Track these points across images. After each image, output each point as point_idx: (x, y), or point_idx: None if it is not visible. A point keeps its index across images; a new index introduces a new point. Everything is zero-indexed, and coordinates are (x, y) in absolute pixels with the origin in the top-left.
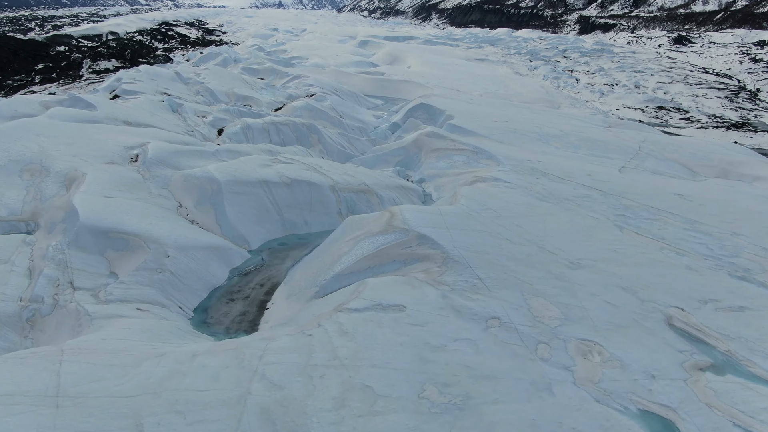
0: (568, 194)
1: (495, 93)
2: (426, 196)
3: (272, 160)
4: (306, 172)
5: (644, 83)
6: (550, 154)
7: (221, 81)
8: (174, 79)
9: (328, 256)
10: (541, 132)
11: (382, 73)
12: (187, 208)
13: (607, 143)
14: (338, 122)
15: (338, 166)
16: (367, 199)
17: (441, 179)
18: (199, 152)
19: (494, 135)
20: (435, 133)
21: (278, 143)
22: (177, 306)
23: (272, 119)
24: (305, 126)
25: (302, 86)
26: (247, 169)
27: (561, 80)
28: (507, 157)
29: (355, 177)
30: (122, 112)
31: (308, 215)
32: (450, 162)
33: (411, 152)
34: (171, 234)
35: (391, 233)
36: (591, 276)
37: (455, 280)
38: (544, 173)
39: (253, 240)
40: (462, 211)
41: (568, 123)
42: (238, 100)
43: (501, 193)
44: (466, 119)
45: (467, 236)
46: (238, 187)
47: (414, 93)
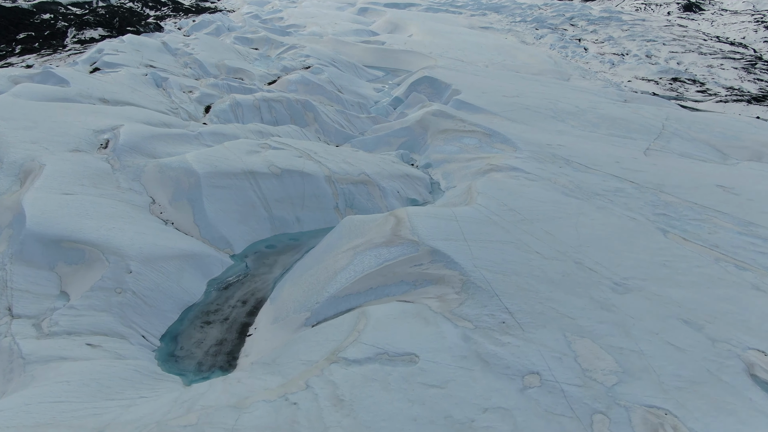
0: (598, 187)
1: (501, 64)
2: (433, 185)
3: (261, 145)
4: (298, 160)
5: (656, 53)
6: (568, 135)
7: (212, 52)
8: (161, 50)
9: (321, 270)
10: (555, 108)
11: (383, 42)
12: (161, 205)
13: (627, 121)
14: (336, 97)
15: (335, 151)
16: (367, 191)
17: (450, 165)
18: (180, 136)
19: (505, 112)
20: (442, 111)
21: (270, 122)
22: (139, 335)
23: (264, 95)
24: (300, 103)
25: (298, 57)
26: (231, 157)
27: (569, 50)
28: (523, 141)
29: (354, 165)
30: (99, 87)
31: (300, 211)
32: (459, 145)
33: (416, 133)
34: (137, 241)
35: (398, 246)
36: (643, 303)
37: (479, 313)
38: (567, 160)
39: (236, 242)
40: (480, 215)
41: (582, 98)
42: (229, 73)
43: (522, 187)
44: (473, 94)
45: (489, 250)
46: (219, 179)
47: (416, 64)
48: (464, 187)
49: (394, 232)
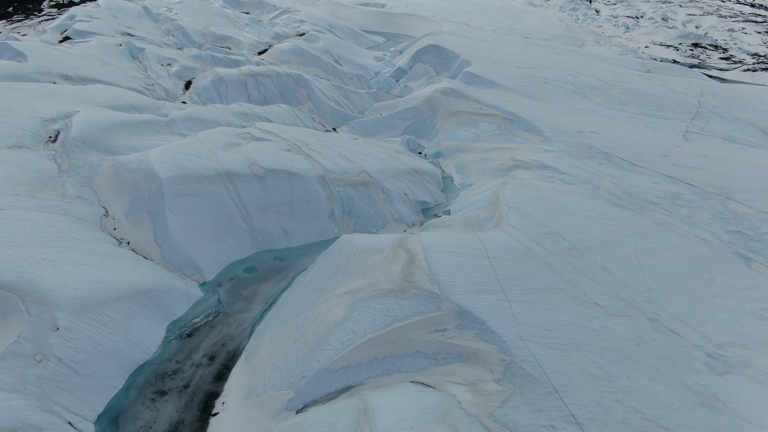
0: (650, 193)
1: (510, 28)
2: (445, 180)
3: (242, 135)
4: (286, 156)
5: (672, 15)
6: (595, 115)
7: (198, 17)
8: (141, 15)
9: (310, 321)
10: (577, 82)
11: (383, 4)
12: (115, 219)
13: (658, 97)
14: (332, 69)
15: (330, 141)
16: (369, 194)
17: (464, 155)
18: (148, 124)
19: (522, 87)
20: (454, 90)
21: (258, 100)
22: (64, 422)
23: (251, 69)
24: (292, 78)
25: (292, 23)
26: (204, 154)
27: (579, 12)
28: (551, 128)
29: (352, 161)
30: (62, 62)
31: (288, 221)
32: (475, 131)
33: (423, 115)
34: (72, 280)
35: (412, 298)
36: (755, 391)
37: (532, 423)
38: (606, 154)
39: (207, 266)
40: (516, 244)
41: (603, 68)
42: (215, 41)
43: (560, 194)
44: (485, 65)
45: (536, 306)
46: (188, 185)
47: (420, 29)
48: (488, 192)
49: (406, 276)
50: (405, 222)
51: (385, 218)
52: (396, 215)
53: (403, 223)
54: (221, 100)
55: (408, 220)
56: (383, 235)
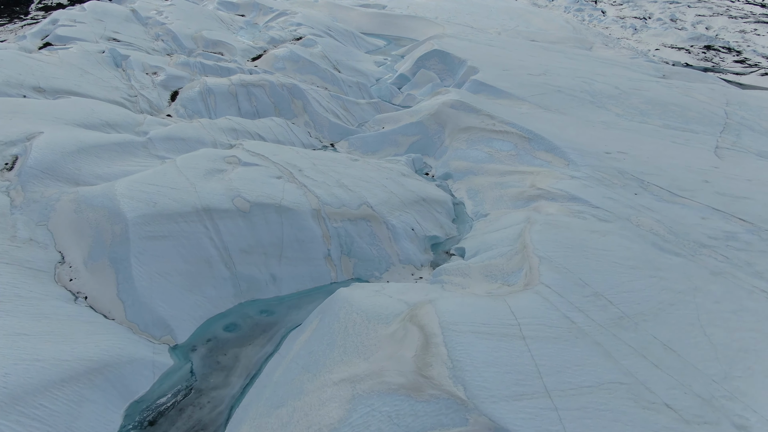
0: (699, 232)
1: (515, 30)
2: (457, 207)
3: (227, 159)
4: (276, 185)
5: (681, 16)
6: (616, 129)
7: (189, 20)
8: (129, 19)
9: (299, 416)
10: (592, 90)
11: (384, 6)
12: (72, 266)
13: (682, 108)
14: (331, 77)
15: (326, 163)
16: (371, 231)
17: (477, 179)
18: (121, 146)
19: (534, 96)
20: (463, 103)
21: (250, 113)
22: None
23: (242, 79)
24: (286, 88)
25: (288, 25)
26: (181, 185)
27: (585, 13)
28: (574, 148)
29: (352, 190)
30: (36, 72)
31: (277, 265)
32: (488, 151)
33: (430, 130)
34: (2, 361)
35: (429, 401)
36: None
37: None
38: (640, 180)
39: (180, 324)
40: (556, 316)
41: (617, 74)
42: (207, 47)
43: (596, 238)
44: (493, 72)
45: (592, 415)
46: (159, 225)
47: (422, 31)
48: (510, 232)
49: (421, 367)
50: (413, 263)
51: (389, 259)
52: (402, 255)
53: (411, 264)
54: (209, 113)
55: (416, 261)
56: (390, 286)
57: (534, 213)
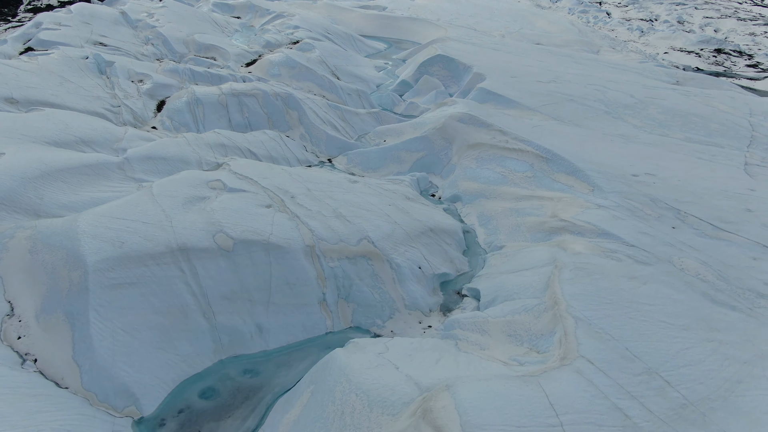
0: (753, 277)
1: (519, 33)
2: (467, 235)
3: (210, 183)
4: (264, 216)
5: (688, 18)
6: (637, 143)
7: (181, 23)
8: (118, 21)
9: None
10: (606, 99)
11: (384, 7)
12: (22, 320)
13: (704, 119)
14: (329, 84)
15: (322, 186)
16: (372, 271)
17: (489, 204)
18: (94, 167)
19: (546, 107)
20: (472, 117)
21: (241, 125)
22: None
23: (233, 88)
24: (281, 98)
25: (285, 28)
26: (154, 218)
27: (590, 14)
28: (598, 170)
29: (350, 221)
30: (10, 81)
31: (264, 313)
32: (501, 171)
33: (436, 146)
34: None
35: None
36: None
37: None
38: (676, 210)
39: (147, 391)
40: (606, 406)
41: (630, 81)
42: (199, 51)
43: (636, 286)
44: (501, 80)
45: None
46: (126, 269)
47: (424, 34)
48: (535, 279)
49: None
50: (420, 308)
51: (393, 304)
52: (408, 299)
53: (418, 309)
54: (197, 126)
55: (424, 305)
56: (394, 346)
57: (559, 251)
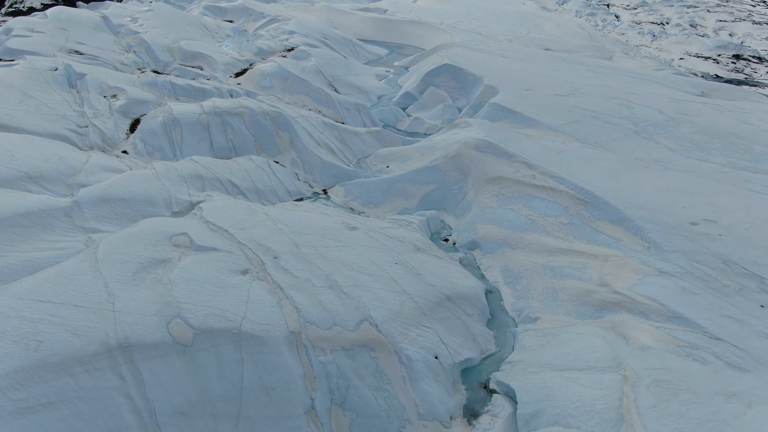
0: None
1: (527, 37)
2: (491, 297)
3: (174, 239)
4: (237, 288)
5: (701, 22)
6: (676, 171)
7: (167, 28)
8: (98, 27)
9: None
10: (633, 116)
11: (384, 10)
12: None
13: (745, 139)
14: (325, 98)
15: (314, 239)
16: (376, 366)
17: (516, 256)
18: (33, 216)
19: (568, 126)
20: (490, 145)
21: (224, 149)
22: None
23: (216, 106)
24: (270, 117)
25: (280, 33)
26: (92, 298)
27: (598, 17)
28: (652, 219)
29: (348, 294)
30: None
31: None
32: (529, 214)
33: (448, 178)
34: None
35: None
36: None
37: None
38: (759, 277)
39: None
40: None
41: (654, 93)
42: (185, 59)
43: (740, 414)
44: (515, 93)
45: None
46: (40, 386)
47: (427, 39)
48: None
49: None
50: (438, 416)
51: (403, 413)
52: (423, 404)
53: (436, 419)
54: (173, 150)
55: (442, 411)
56: None
57: (620, 341)
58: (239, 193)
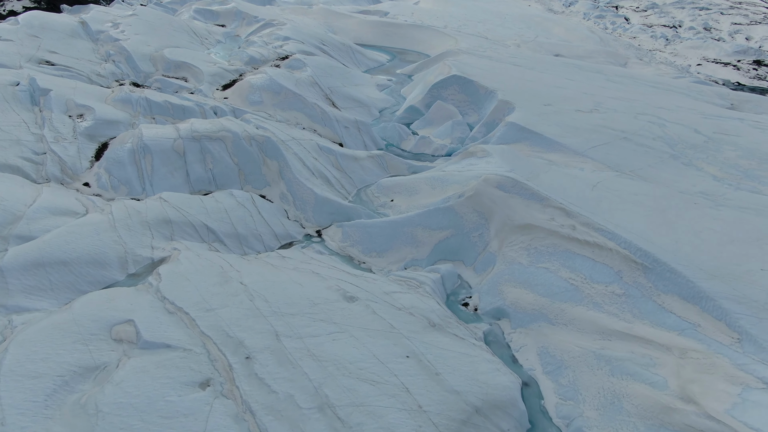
0: None
1: (536, 42)
2: (525, 391)
3: (114, 331)
4: (190, 411)
5: (715, 25)
6: (728, 208)
7: (151, 35)
8: (75, 34)
9: None
10: (667, 137)
11: (386, 12)
12: None
13: None
14: (321, 115)
15: (301, 325)
16: None
17: (557, 335)
18: None
19: (596, 149)
20: (516, 183)
21: (203, 180)
22: None
23: (194, 129)
24: (256, 143)
25: (273, 40)
26: None
27: (606, 20)
28: (732, 294)
29: (343, 420)
30: None
31: None
32: (570, 278)
33: (466, 222)
34: None
35: None
36: None
37: None
38: None
39: None
40: None
41: (682, 106)
42: (168, 70)
43: None
44: (533, 109)
45: None
46: None
47: (431, 44)
48: None
49: None
50: None
51: None
52: None
53: None
54: (142, 183)
55: None
56: None
57: None
58: (216, 240)
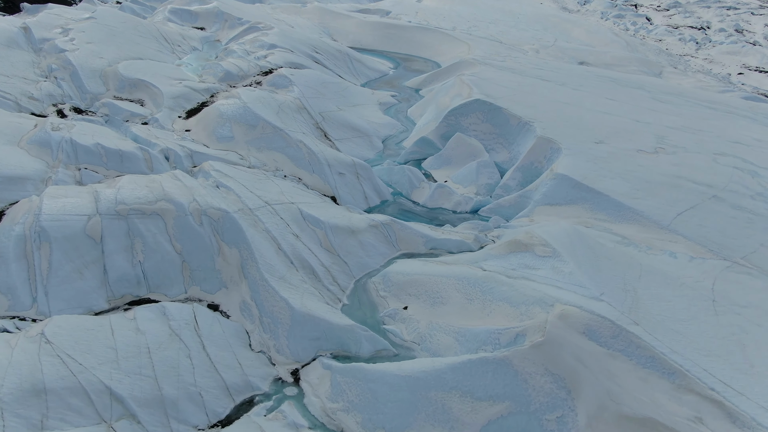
0: None
1: (556, 46)
2: None
3: None
4: None
5: (746, 26)
6: None
7: (108, 44)
8: (13, 42)
9: None
10: (766, 190)
11: (388, 12)
12: None
13: None
14: (308, 158)
15: None
16: None
17: None
18: None
19: (683, 217)
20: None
21: (129, 280)
22: None
23: (119, 201)
24: (210, 221)
25: (257, 48)
26: None
27: (626, 20)
28: None
29: None
30: None
31: None
32: None
33: (533, 390)
34: None
35: None
36: None
37: None
38: None
39: None
40: None
41: (759, 138)
42: (122, 90)
43: None
44: (583, 150)
45: None
46: None
47: (440, 49)
48: None
49: None
50: None
51: None
52: None
53: None
54: (33, 293)
55: None
56: None
57: None
58: (123, 415)
